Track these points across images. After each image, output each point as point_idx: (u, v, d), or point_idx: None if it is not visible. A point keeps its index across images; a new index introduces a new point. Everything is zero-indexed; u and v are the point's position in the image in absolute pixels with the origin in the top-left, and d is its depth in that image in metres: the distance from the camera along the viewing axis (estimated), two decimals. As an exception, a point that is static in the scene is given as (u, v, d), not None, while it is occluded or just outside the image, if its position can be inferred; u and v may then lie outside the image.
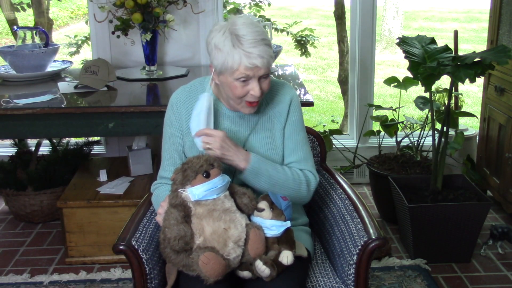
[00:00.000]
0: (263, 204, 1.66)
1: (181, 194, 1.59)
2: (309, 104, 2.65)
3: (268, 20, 4.05)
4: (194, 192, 1.58)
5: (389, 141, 3.49)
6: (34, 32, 3.17)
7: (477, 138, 3.45)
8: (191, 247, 1.56)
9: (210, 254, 1.51)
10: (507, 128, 2.99)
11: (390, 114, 3.38)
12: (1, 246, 2.98)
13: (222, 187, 1.61)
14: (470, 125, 4.27)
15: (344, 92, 4.35)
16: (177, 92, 1.86)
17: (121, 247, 1.68)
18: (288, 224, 1.65)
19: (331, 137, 3.30)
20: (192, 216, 1.58)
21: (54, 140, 3.33)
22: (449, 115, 2.71)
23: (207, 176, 1.57)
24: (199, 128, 1.70)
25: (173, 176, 1.63)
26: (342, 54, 4.31)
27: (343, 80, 4.36)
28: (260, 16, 4.25)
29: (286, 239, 1.65)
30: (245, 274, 1.63)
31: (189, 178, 1.58)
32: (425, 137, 3.17)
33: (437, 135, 2.75)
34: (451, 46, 2.75)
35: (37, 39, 3.18)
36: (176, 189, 1.61)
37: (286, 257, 1.62)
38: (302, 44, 4.39)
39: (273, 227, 1.64)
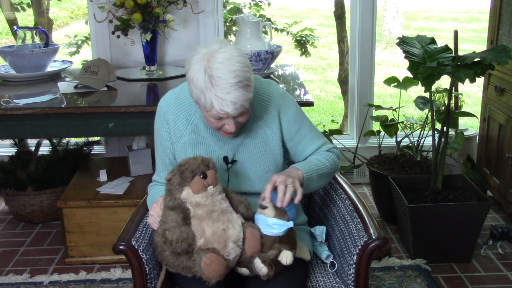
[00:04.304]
0: (266, 202, 1.65)
1: (179, 195, 1.58)
2: (309, 104, 2.65)
3: (268, 20, 4.05)
4: None
5: (389, 141, 3.49)
6: (34, 32, 3.17)
7: (477, 138, 3.45)
8: (193, 249, 1.56)
9: (212, 255, 1.51)
10: (507, 128, 2.99)
11: (390, 114, 3.38)
12: (1, 246, 2.98)
13: None
14: (470, 125, 4.27)
15: (344, 92, 4.35)
16: (165, 97, 1.81)
17: (121, 247, 1.68)
18: (290, 224, 1.64)
19: (331, 137, 3.30)
20: (192, 218, 1.57)
21: (54, 140, 3.33)
22: (449, 115, 2.71)
23: (204, 177, 1.57)
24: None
25: (169, 176, 1.61)
26: (342, 54, 4.31)
27: (343, 80, 4.36)
28: (260, 16, 4.25)
29: (287, 239, 1.65)
30: (243, 271, 1.63)
31: (186, 179, 1.58)
32: (425, 137, 3.16)
33: (437, 135, 2.75)
34: (451, 46, 2.75)
35: (37, 39, 3.17)
36: (172, 191, 1.60)
37: (286, 257, 1.61)
38: (302, 44, 4.39)
39: (275, 225, 1.62)
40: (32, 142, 3.43)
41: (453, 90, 2.75)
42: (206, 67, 1.55)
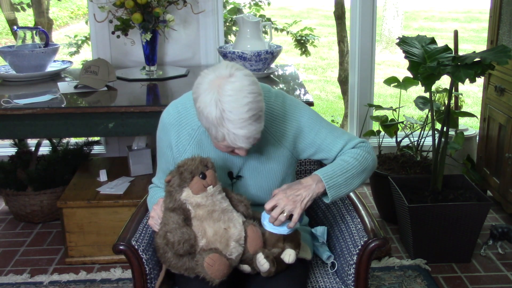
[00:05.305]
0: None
1: (179, 197, 1.58)
2: (309, 104, 2.65)
3: (268, 20, 4.05)
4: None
5: (389, 141, 3.49)
6: (34, 32, 3.17)
7: (477, 138, 3.45)
8: (195, 250, 1.56)
9: (214, 255, 1.51)
10: (507, 128, 2.99)
11: (390, 114, 3.38)
12: (1, 246, 2.98)
13: None
14: (470, 125, 4.27)
15: (344, 92, 4.35)
16: (168, 111, 1.74)
17: (121, 247, 1.68)
18: (297, 225, 1.64)
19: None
20: (193, 219, 1.57)
21: (54, 140, 3.33)
22: (449, 115, 2.71)
23: (203, 177, 1.57)
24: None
25: (168, 178, 1.60)
26: (342, 54, 4.31)
27: (343, 80, 4.36)
28: (260, 15, 4.25)
29: (292, 239, 1.65)
30: (245, 268, 1.63)
31: (186, 180, 1.57)
32: (425, 137, 3.16)
33: (437, 135, 2.75)
34: (451, 46, 2.75)
35: (37, 39, 3.17)
36: (172, 192, 1.59)
37: (289, 255, 1.61)
38: (302, 43, 4.39)
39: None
40: (32, 142, 3.43)
41: (453, 90, 2.75)
42: (217, 100, 1.45)
